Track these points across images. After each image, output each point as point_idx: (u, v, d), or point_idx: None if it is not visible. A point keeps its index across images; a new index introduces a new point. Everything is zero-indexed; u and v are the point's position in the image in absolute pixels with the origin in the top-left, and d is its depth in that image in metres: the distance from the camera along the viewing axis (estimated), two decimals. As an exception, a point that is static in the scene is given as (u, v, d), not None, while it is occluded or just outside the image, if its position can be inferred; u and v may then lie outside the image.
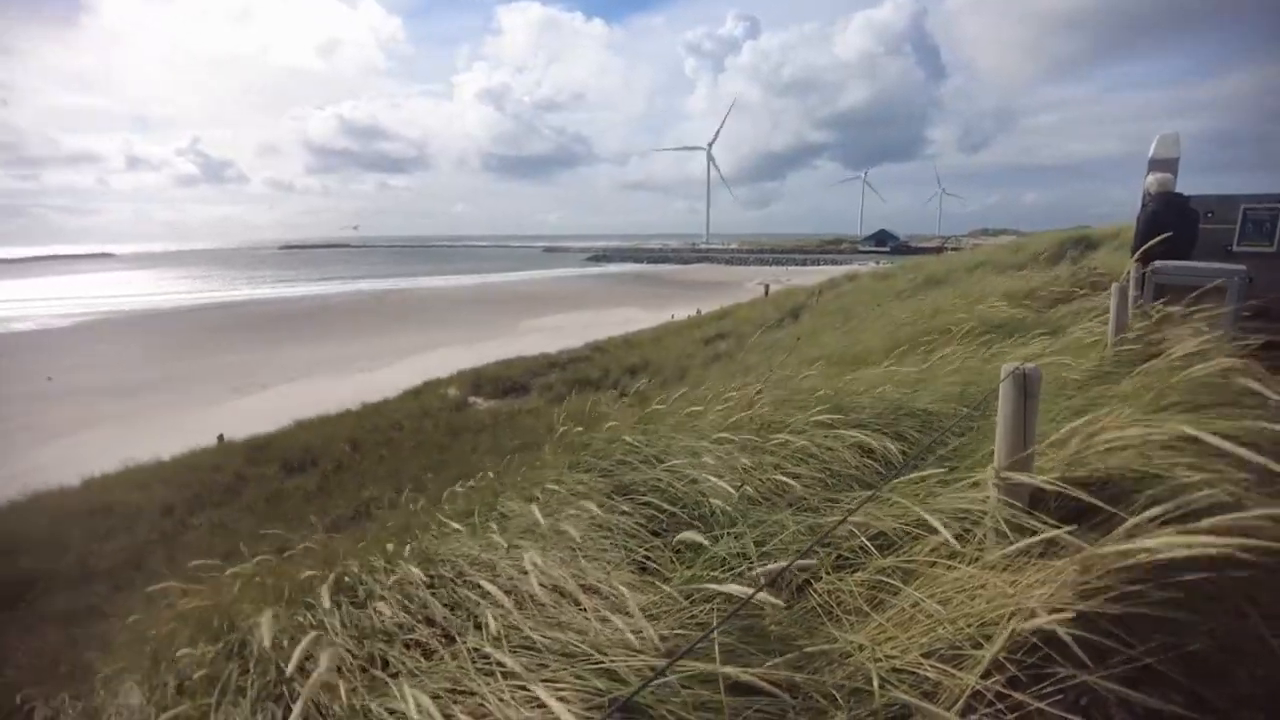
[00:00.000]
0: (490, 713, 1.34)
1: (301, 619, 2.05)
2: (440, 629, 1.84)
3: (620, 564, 2.06)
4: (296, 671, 1.78)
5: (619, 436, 3.17)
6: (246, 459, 13.67)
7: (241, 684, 1.72)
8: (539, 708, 1.34)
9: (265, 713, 1.59)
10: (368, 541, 2.85)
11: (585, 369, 21.92)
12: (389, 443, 14.69)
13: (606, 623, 1.65)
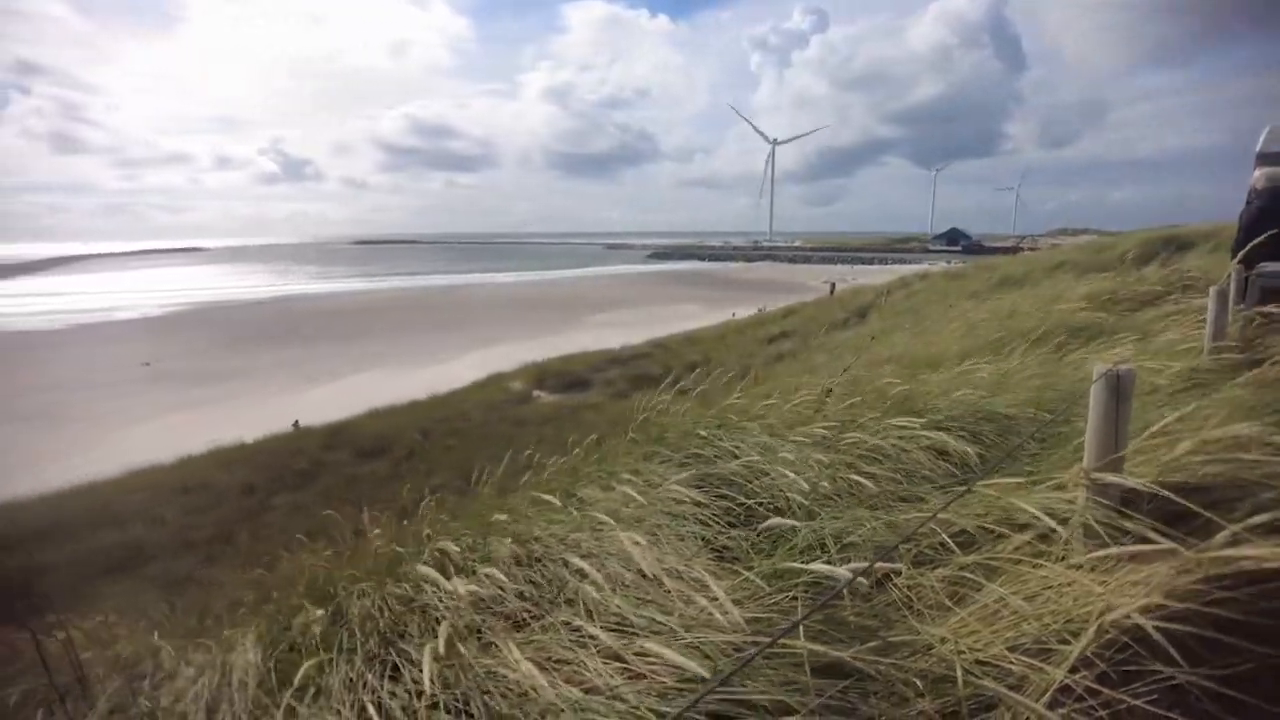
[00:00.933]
0: (588, 680, 1.43)
1: (398, 590, 2.20)
2: (530, 602, 1.95)
3: (700, 551, 2.13)
4: (395, 636, 1.93)
5: (694, 430, 3.24)
6: (323, 445, 14.37)
7: (350, 645, 1.86)
8: (632, 678, 1.42)
9: (374, 672, 1.73)
10: (462, 518, 3.00)
11: (646, 365, 22.08)
12: (456, 432, 15.18)
13: (691, 603, 1.73)
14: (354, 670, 1.70)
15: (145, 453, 16.13)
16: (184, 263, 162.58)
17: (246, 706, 1.78)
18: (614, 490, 2.83)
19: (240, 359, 34.77)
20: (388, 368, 30.84)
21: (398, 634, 1.90)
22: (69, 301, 68.84)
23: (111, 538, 10.57)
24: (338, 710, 1.56)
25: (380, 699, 1.56)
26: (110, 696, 1.79)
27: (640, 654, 1.50)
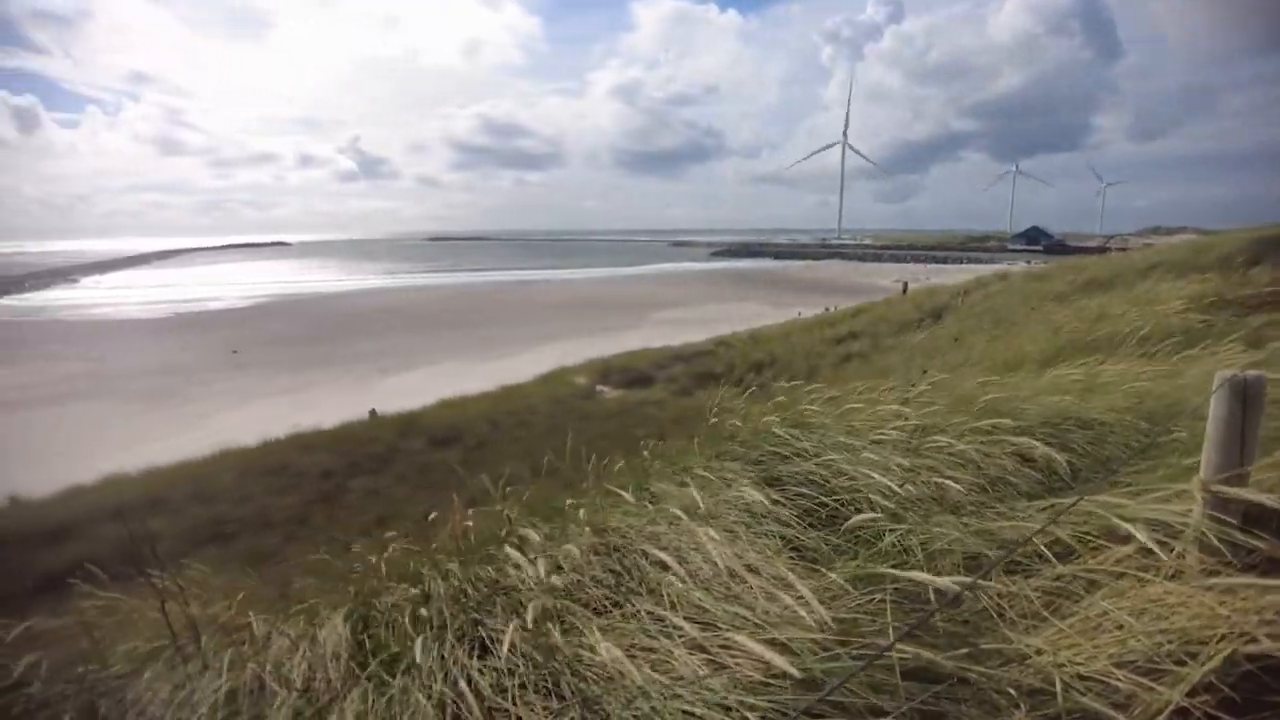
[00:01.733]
0: (673, 669, 1.44)
1: (482, 573, 2.26)
2: (609, 591, 1.97)
3: (779, 549, 2.11)
4: (484, 615, 1.98)
5: (768, 429, 3.20)
6: (397, 432, 14.90)
7: (440, 623, 1.93)
8: (717, 671, 1.42)
9: (462, 649, 1.78)
10: (539, 506, 3.06)
11: (709, 363, 21.99)
12: (523, 424, 15.48)
13: (773, 600, 1.71)
14: (444, 648, 1.76)
15: (232, 434, 17.12)
16: (269, 257, 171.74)
17: (340, 676, 1.86)
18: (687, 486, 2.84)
19: (319, 349, 36.47)
20: (457, 360, 31.73)
21: (485, 613, 1.96)
22: (169, 293, 73.90)
23: (203, 512, 11.27)
24: (429, 684, 1.61)
25: (470, 675, 1.61)
26: (219, 655, 1.90)
27: (725, 647, 1.49)
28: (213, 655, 1.94)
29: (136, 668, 2.01)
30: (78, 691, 1.76)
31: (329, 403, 22.34)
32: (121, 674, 1.97)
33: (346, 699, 1.73)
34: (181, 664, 1.85)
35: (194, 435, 19.64)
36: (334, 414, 18.20)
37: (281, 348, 37.13)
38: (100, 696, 1.74)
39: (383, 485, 12.44)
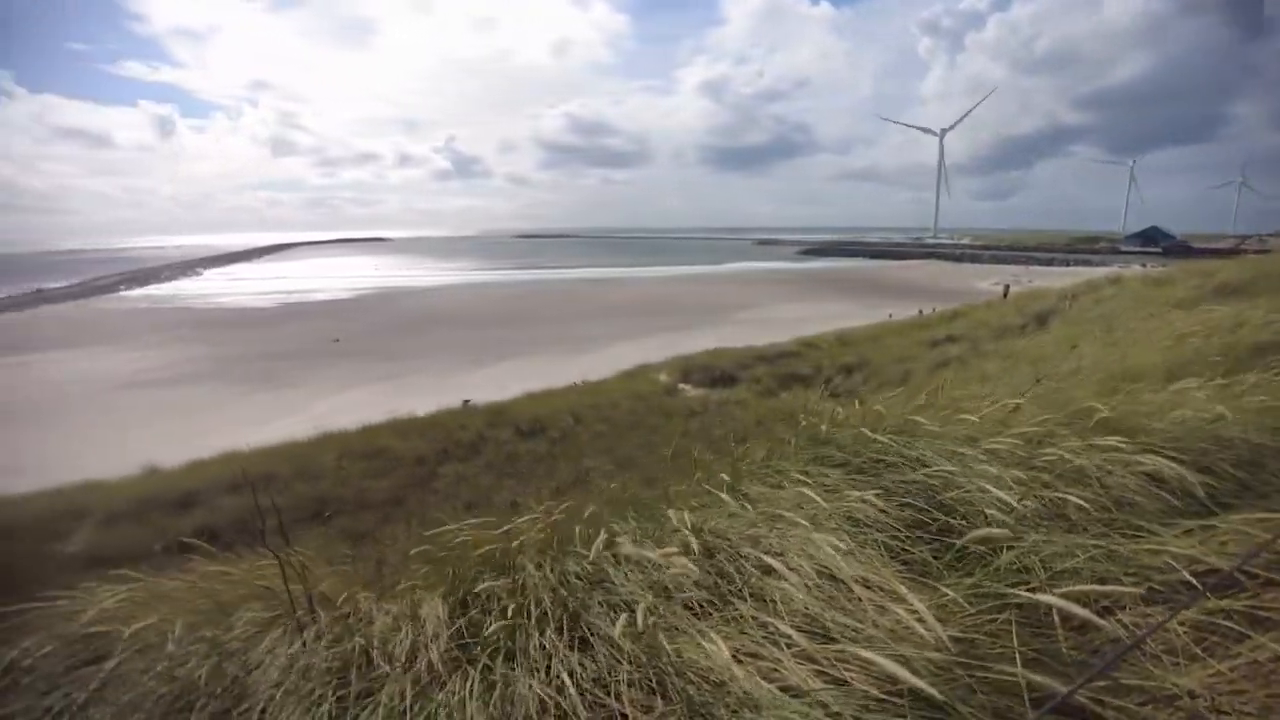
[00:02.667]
0: (782, 677, 1.39)
1: (576, 567, 2.27)
2: (708, 593, 1.93)
3: (887, 561, 2.01)
4: (581, 609, 1.99)
5: (868, 434, 3.07)
6: (486, 422, 15.38)
7: (540, 613, 1.94)
8: (830, 682, 1.36)
9: (562, 641, 1.78)
10: (633, 502, 3.05)
11: (795, 364, 21.54)
12: (606, 419, 15.66)
13: (885, 613, 1.63)
14: (545, 638, 1.77)
15: (333, 418, 18.18)
16: (369, 251, 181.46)
17: (440, 657, 1.90)
18: (783, 489, 2.76)
19: (413, 339, 38.18)
20: (543, 354, 32.49)
21: (583, 608, 1.96)
22: (279, 284, 79.40)
23: (307, 491, 12.01)
24: (533, 670, 1.62)
25: (572, 667, 1.61)
26: (330, 628, 1.98)
27: (840, 659, 1.43)
28: (325, 627, 2.02)
29: (255, 633, 2.12)
30: (207, 651, 1.87)
31: (422, 391, 23.37)
32: (243, 637, 2.08)
33: (450, 680, 1.77)
34: (297, 633, 1.94)
35: (299, 418, 21.03)
36: (427, 402, 19.01)
37: (379, 338, 39.14)
38: (226, 657, 1.84)
39: (472, 472, 12.88)
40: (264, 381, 28.06)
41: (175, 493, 11.95)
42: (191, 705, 1.70)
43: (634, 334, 37.60)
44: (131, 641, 1.98)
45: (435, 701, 1.61)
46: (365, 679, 1.82)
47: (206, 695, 1.73)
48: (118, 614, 2.18)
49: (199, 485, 12.10)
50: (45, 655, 1.85)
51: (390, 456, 13.80)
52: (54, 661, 1.82)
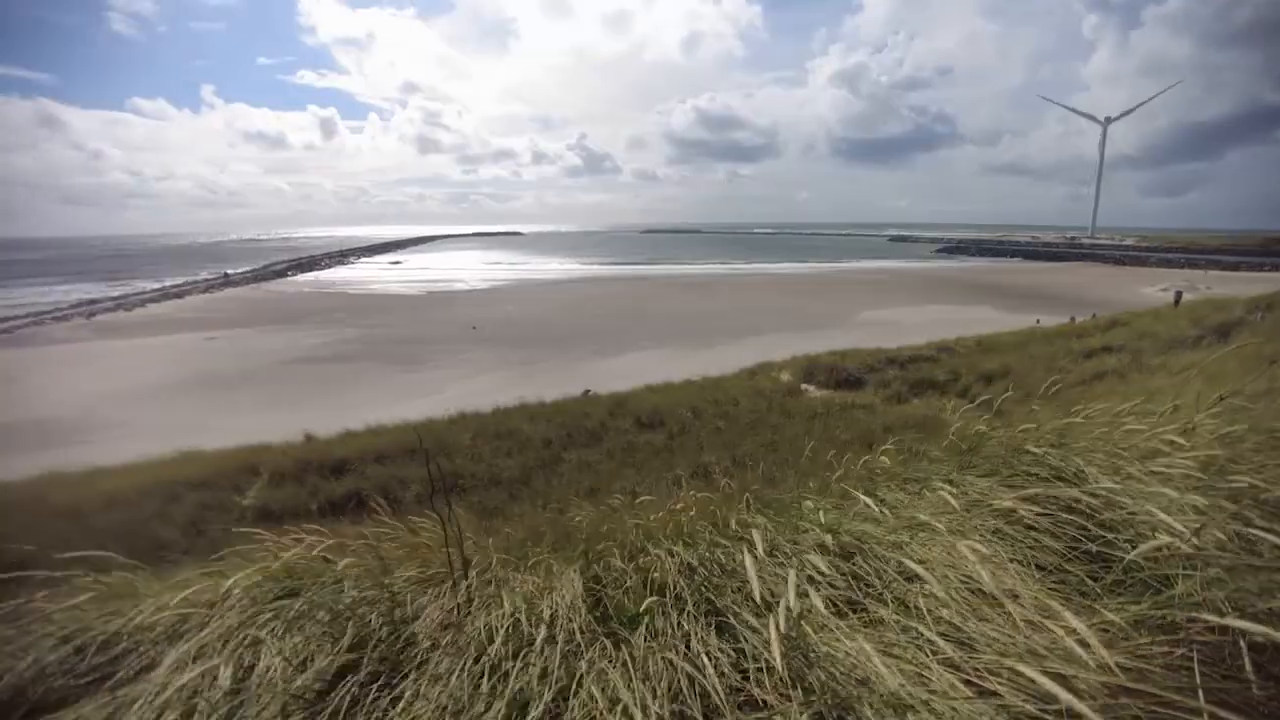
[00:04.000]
0: (928, 683, 1.36)
1: (708, 555, 2.31)
2: (847, 594, 1.91)
3: (1043, 578, 1.89)
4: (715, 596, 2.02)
5: (1019, 445, 2.89)
6: (608, 411, 15.80)
7: (676, 593, 2.00)
8: (979, 694, 1.31)
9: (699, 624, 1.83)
10: (765, 497, 3.06)
11: (928, 370, 20.41)
12: (725, 415, 15.61)
13: (1038, 630, 1.54)
14: (682, 617, 1.83)
15: (469, 399, 19.33)
16: (504, 245, 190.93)
17: (580, 629, 1.99)
18: (923, 496, 2.66)
19: (543, 329, 39.80)
20: (664, 348, 32.81)
21: (716, 595, 2.00)
22: (424, 274, 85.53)
23: (444, 465, 12.88)
24: (675, 647, 1.68)
25: (710, 649, 1.65)
26: (480, 591, 2.14)
27: (990, 671, 1.37)
28: (476, 589, 2.18)
29: (414, 588, 2.32)
30: (377, 598, 2.08)
31: (549, 378, 24.38)
32: (405, 590, 2.29)
33: (590, 650, 1.86)
34: (453, 591, 2.12)
35: (438, 398, 22.55)
36: (553, 389, 19.81)
37: (513, 326, 41.14)
38: (396, 606, 2.04)
39: (593, 459, 13.29)
40: (408, 362, 30.37)
41: (329, 459, 13.21)
42: (365, 643, 1.89)
43: (756, 330, 37.13)
44: (314, 581, 2.24)
45: (580, 667, 1.70)
46: (512, 640, 1.95)
47: (377, 638, 1.92)
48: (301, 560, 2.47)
49: (349, 454, 13.31)
50: (249, 588, 2.13)
51: (519, 438, 14.51)
52: (259, 591, 2.10)
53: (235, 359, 31.99)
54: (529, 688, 1.60)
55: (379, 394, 24.47)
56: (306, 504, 11.15)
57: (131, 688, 1.63)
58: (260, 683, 1.69)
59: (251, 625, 1.89)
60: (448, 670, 1.74)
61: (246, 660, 1.75)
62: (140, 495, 11.36)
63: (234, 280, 77.70)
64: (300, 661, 1.79)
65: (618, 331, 38.44)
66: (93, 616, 1.99)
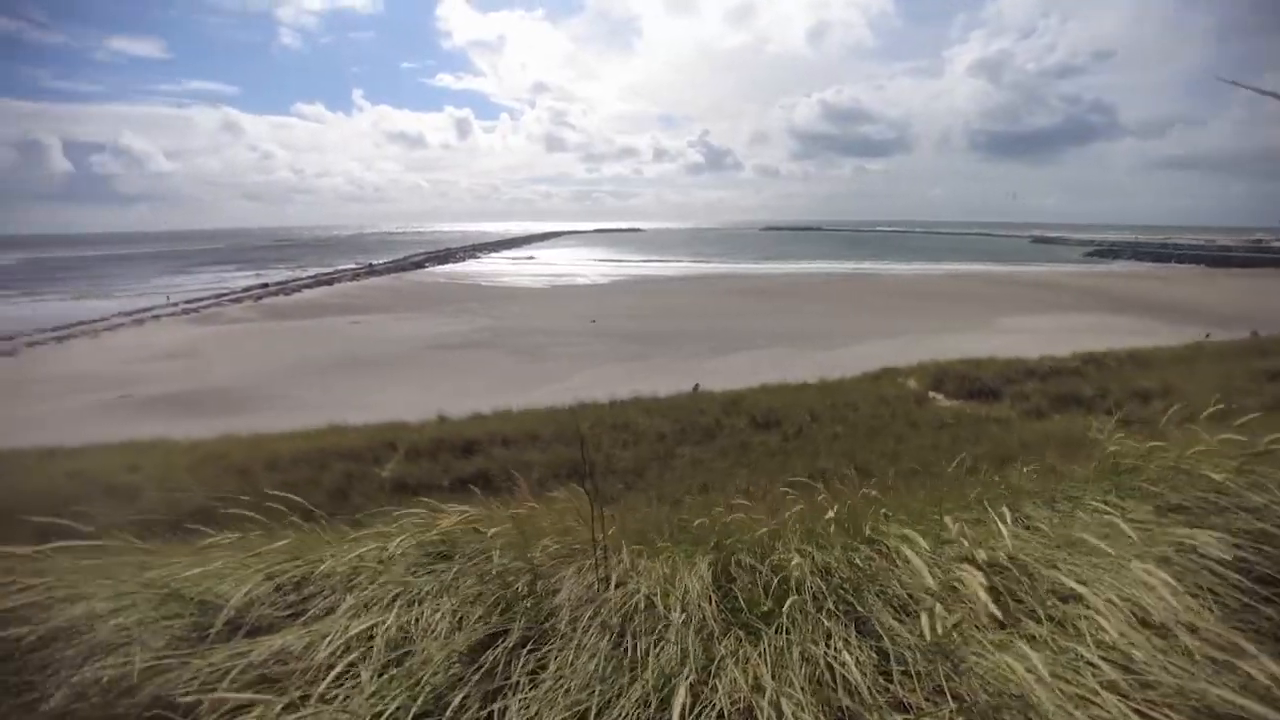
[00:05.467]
0: (1094, 706, 1.29)
1: (844, 558, 2.28)
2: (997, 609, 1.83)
3: (1224, 615, 1.73)
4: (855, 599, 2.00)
5: (1195, 470, 2.63)
6: (722, 409, 15.77)
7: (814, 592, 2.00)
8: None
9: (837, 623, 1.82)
10: (898, 506, 2.98)
11: (1074, 384, 18.75)
12: (844, 420, 15.14)
13: (1222, 667, 1.42)
14: (821, 615, 1.83)
15: (587, 390, 19.90)
16: (624, 241, 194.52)
17: (710, 620, 2.03)
18: (1074, 517, 2.49)
19: (659, 324, 40.18)
20: (781, 347, 32.22)
21: (856, 597, 1.98)
22: (548, 268, 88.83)
23: (564, 452, 13.37)
24: (814, 642, 1.69)
25: (850, 648, 1.65)
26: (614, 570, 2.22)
27: (1166, 702, 1.28)
28: (613, 570, 2.28)
29: (555, 564, 2.45)
30: (523, 569, 2.22)
31: (665, 372, 24.61)
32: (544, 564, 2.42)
33: (724, 639, 1.89)
34: (593, 569, 2.22)
35: (557, 386, 23.37)
36: (668, 384, 20.00)
37: (630, 321, 41.86)
38: (539, 578, 2.17)
39: (707, 456, 13.33)
40: (532, 352, 31.70)
41: (460, 439, 14.07)
42: (510, 608, 2.03)
43: (878, 334, 35.62)
44: (465, 548, 2.42)
45: (718, 652, 1.75)
46: (649, 620, 2.02)
47: (523, 606, 2.06)
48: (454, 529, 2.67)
49: (478, 435, 14.11)
50: (410, 550, 2.34)
51: (634, 430, 14.79)
52: (418, 555, 2.30)
53: (377, 342, 34.71)
54: (671, 666, 1.66)
55: (504, 380, 25.71)
56: (439, 480, 11.94)
57: (320, 625, 1.84)
58: (423, 635, 1.86)
59: (413, 584, 2.08)
60: (592, 642, 1.84)
61: (411, 615, 1.94)
62: (296, 461, 12.64)
63: (377, 270, 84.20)
64: (456, 620, 1.96)
65: (732, 329, 38.15)
66: (280, 560, 2.26)
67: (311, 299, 56.20)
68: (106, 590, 1.99)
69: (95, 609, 1.89)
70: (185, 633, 1.83)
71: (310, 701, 1.50)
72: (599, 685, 1.61)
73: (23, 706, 1.47)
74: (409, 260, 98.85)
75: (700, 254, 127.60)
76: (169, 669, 1.65)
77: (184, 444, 14.45)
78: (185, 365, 30.10)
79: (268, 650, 1.70)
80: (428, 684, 1.56)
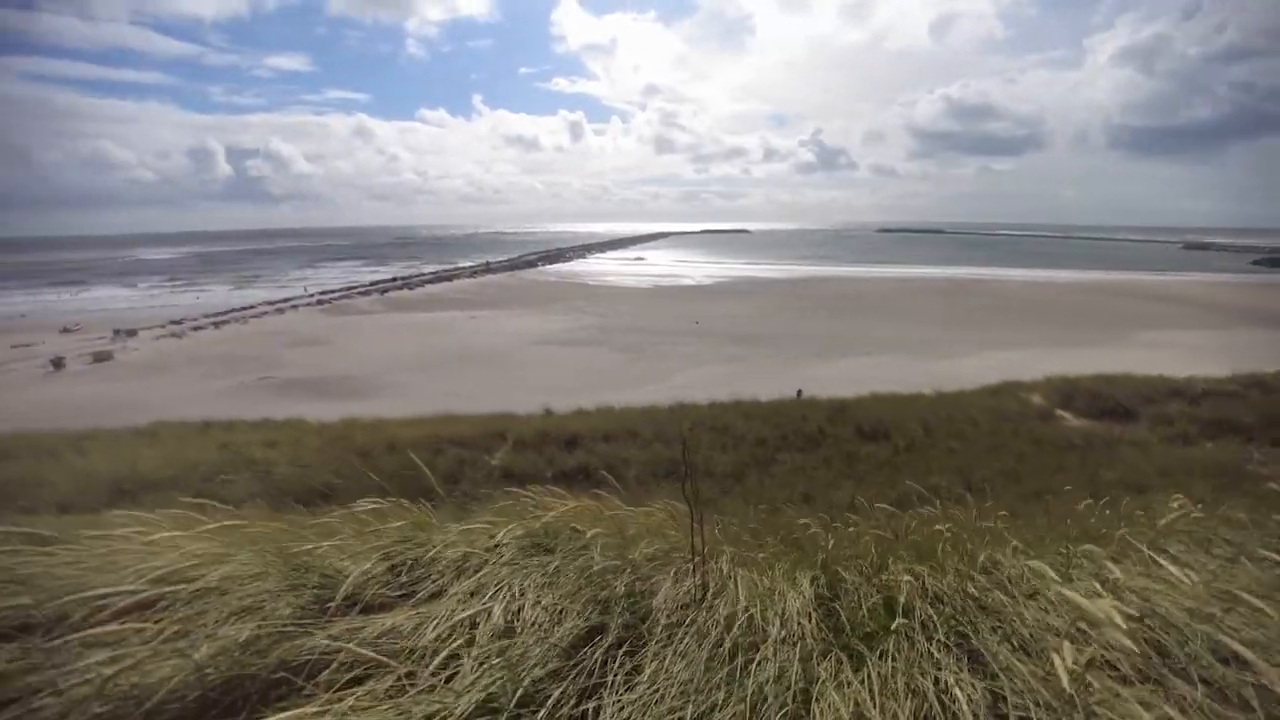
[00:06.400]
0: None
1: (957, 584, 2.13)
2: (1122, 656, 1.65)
3: None
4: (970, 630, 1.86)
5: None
6: (827, 417, 15.27)
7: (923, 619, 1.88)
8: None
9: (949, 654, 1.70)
10: (1038, 533, 2.76)
11: (1230, 408, 16.74)
12: (960, 435, 14.28)
13: None
14: (933, 644, 1.71)
15: (686, 391, 19.88)
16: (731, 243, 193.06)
17: (809, 638, 1.95)
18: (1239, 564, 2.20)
19: (764, 327, 39.57)
20: (892, 354, 30.89)
21: (971, 629, 1.85)
22: (654, 268, 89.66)
23: (663, 451, 13.42)
24: (922, 673, 1.59)
25: (962, 682, 1.53)
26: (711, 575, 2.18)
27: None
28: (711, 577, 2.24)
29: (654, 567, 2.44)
30: (621, 568, 2.22)
31: (768, 377, 24.18)
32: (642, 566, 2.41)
33: (825, 659, 1.81)
34: (689, 576, 2.19)
35: (658, 386, 23.51)
36: (770, 387, 19.63)
37: (733, 322, 41.52)
38: (636, 580, 2.17)
39: (809, 464, 12.96)
40: (635, 351, 32.09)
41: (564, 433, 14.43)
42: (609, 609, 2.03)
43: (999, 344, 33.37)
44: (566, 543, 2.45)
45: (818, 673, 1.67)
46: (747, 633, 1.97)
47: (621, 606, 2.06)
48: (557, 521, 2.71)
49: (581, 430, 14.42)
50: (516, 539, 2.40)
51: (734, 434, 14.62)
52: (523, 545, 2.36)
53: (490, 336, 36.32)
54: (770, 684, 1.61)
55: (607, 377, 26.16)
56: (544, 471, 12.31)
57: (429, 607, 1.92)
58: (524, 627, 1.90)
59: (518, 575, 2.13)
60: (687, 650, 1.81)
61: (514, 606, 1.98)
62: (413, 445, 13.41)
63: (493, 268, 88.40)
64: (557, 614, 1.98)
65: (840, 334, 36.96)
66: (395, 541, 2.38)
67: (432, 293, 59.66)
68: (245, 555, 2.18)
69: (236, 572, 2.06)
70: (308, 603, 1.96)
71: (417, 681, 1.56)
72: (695, 695, 1.58)
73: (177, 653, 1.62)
74: (522, 259, 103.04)
75: (810, 255, 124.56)
76: (293, 636, 1.76)
77: (313, 425, 15.74)
78: (317, 352, 32.74)
79: (380, 628, 1.79)
80: (527, 675, 1.58)
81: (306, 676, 1.61)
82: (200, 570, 2.07)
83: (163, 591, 1.92)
